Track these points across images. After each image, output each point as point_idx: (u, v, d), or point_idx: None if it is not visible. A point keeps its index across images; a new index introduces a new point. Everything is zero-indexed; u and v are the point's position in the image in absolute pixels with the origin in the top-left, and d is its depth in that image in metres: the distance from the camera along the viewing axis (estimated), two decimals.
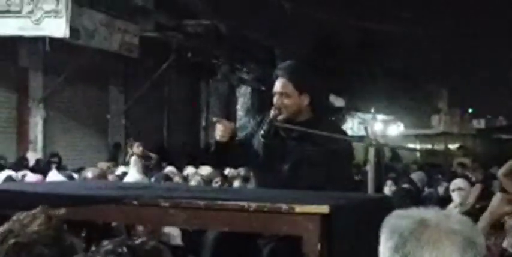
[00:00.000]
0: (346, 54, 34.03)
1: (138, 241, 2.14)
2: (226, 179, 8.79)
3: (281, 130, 4.22)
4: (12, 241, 2.36)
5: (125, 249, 2.06)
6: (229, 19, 21.58)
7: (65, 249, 2.44)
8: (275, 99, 4.25)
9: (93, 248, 2.14)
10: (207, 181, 8.43)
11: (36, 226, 2.40)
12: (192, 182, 8.05)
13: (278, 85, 4.26)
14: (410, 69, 38.60)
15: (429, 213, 1.92)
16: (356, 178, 10.49)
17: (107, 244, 2.10)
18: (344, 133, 4.55)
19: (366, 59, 34.45)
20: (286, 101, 4.21)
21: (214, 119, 4.46)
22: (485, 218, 3.87)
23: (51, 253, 2.38)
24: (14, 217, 2.48)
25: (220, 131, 4.20)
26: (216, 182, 8.26)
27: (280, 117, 4.20)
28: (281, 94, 4.23)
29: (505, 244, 4.62)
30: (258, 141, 4.26)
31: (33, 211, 2.48)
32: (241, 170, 9.58)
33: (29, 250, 2.35)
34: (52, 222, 2.45)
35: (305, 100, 4.24)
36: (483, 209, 5.32)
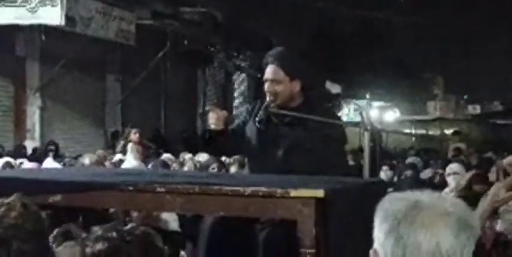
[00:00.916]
0: (343, 42, 34.00)
1: (128, 227, 2.15)
2: (223, 165, 8.80)
3: (273, 116, 4.23)
4: None
5: (114, 234, 2.07)
6: (226, 7, 21.55)
7: (43, 241, 2.39)
8: (266, 86, 4.24)
9: (83, 235, 2.14)
10: (204, 167, 8.44)
11: (13, 219, 2.31)
12: (185, 168, 8.05)
13: (269, 72, 4.24)
14: (406, 56, 38.59)
15: (423, 196, 1.91)
16: (352, 163, 10.52)
17: (97, 230, 2.10)
18: (337, 117, 4.58)
19: (363, 46, 34.42)
20: (277, 88, 4.20)
21: (207, 107, 4.48)
22: (485, 204, 3.89)
23: (29, 248, 2.31)
24: None
25: (213, 120, 4.20)
26: (213, 169, 8.27)
27: (273, 104, 4.21)
28: (272, 81, 4.22)
29: (498, 227, 4.66)
30: (251, 128, 4.28)
31: (9, 200, 2.41)
32: (238, 157, 9.58)
33: (7, 247, 2.29)
34: (29, 212, 2.38)
35: (297, 86, 4.24)
36: (479, 193, 5.36)
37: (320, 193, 2.97)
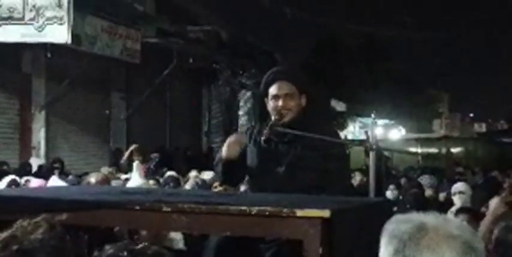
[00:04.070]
0: (347, 59, 34.07)
1: (140, 246, 2.16)
2: None
3: (272, 135, 4.21)
4: (15, 247, 2.35)
5: (126, 253, 2.08)
6: (231, 25, 21.63)
7: None
8: (280, 102, 4.22)
9: (95, 253, 2.15)
10: (208, 185, 8.42)
11: (39, 234, 2.37)
12: (187, 186, 8.02)
13: (283, 87, 4.24)
14: (412, 73, 38.65)
15: (428, 218, 1.93)
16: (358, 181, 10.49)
17: (109, 249, 2.11)
18: (337, 133, 4.60)
19: (367, 63, 34.49)
20: (291, 103, 4.22)
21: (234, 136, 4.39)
22: (486, 223, 3.86)
23: None
24: (17, 224, 2.46)
25: (228, 148, 4.17)
26: (215, 187, 8.24)
27: (285, 120, 4.20)
28: (286, 96, 4.23)
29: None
30: (251, 150, 4.28)
31: (37, 219, 2.47)
32: None
33: None
34: (55, 231, 2.44)
35: (304, 101, 4.29)
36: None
37: (326, 213, 2.96)
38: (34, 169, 13.69)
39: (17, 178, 8.27)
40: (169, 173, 10.43)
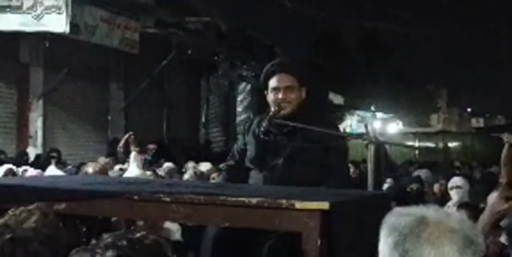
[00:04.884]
0: (346, 53, 34.07)
1: (138, 235, 2.15)
2: None
3: (271, 127, 4.21)
4: (8, 236, 2.36)
5: (124, 242, 2.07)
6: (230, 16, 21.59)
7: (59, 248, 2.42)
8: (280, 95, 4.22)
9: (93, 242, 2.14)
10: (205, 177, 8.42)
11: (32, 223, 2.39)
12: (186, 176, 8.04)
13: (283, 80, 4.25)
14: (410, 68, 38.70)
15: (429, 211, 1.92)
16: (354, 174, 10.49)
17: (107, 237, 2.11)
18: (337, 126, 4.61)
19: (366, 57, 34.49)
20: (292, 96, 4.22)
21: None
22: (485, 218, 3.85)
23: (45, 251, 2.37)
24: (10, 212, 2.47)
25: None
26: (213, 178, 8.25)
27: (285, 112, 4.20)
28: (286, 88, 4.23)
29: (502, 239, 4.64)
30: (250, 142, 4.29)
31: (29, 207, 2.47)
32: None
33: (24, 247, 2.35)
34: (48, 219, 2.44)
35: (304, 93, 4.28)
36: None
37: (325, 205, 2.96)
38: (31, 158, 13.68)
39: (14, 167, 8.26)
40: (167, 164, 10.41)
